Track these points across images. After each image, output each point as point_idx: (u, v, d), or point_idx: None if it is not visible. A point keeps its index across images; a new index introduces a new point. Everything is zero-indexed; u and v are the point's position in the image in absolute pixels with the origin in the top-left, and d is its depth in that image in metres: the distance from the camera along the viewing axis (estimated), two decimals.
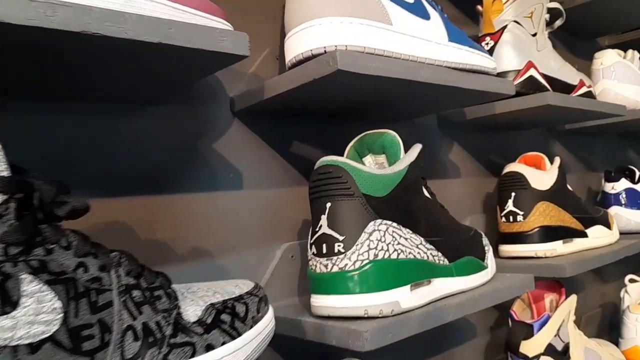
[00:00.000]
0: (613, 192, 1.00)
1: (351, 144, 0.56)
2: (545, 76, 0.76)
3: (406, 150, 0.53)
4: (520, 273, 0.73)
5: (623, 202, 0.99)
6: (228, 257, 0.55)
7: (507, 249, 0.77)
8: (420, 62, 0.51)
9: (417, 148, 0.53)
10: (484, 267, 0.57)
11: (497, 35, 0.75)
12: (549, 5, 0.79)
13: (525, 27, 0.75)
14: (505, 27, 0.75)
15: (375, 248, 0.45)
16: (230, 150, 0.57)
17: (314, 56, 0.46)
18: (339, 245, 0.45)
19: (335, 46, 0.45)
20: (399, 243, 0.47)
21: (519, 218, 0.76)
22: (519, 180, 0.77)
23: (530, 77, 0.73)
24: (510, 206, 0.77)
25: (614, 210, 0.99)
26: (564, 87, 0.79)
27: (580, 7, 1.04)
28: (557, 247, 0.76)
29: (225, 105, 0.57)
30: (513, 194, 0.77)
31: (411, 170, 0.51)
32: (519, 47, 0.74)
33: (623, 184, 1.00)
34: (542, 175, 0.77)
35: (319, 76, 0.45)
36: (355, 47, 0.46)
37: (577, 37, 1.22)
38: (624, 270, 1.23)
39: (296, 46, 0.47)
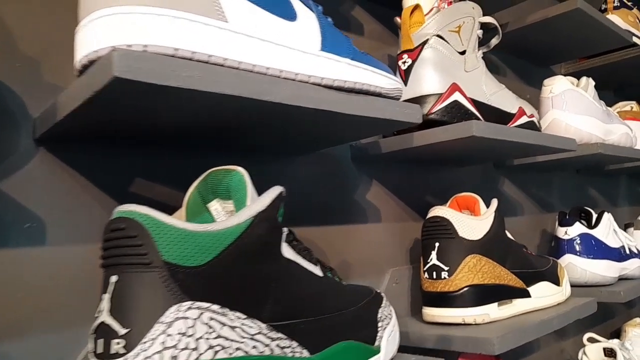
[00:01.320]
0: (566, 237, 0.87)
1: (194, 185, 0.42)
2: (475, 102, 0.62)
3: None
4: (443, 343, 0.59)
5: (578, 250, 0.85)
6: None
7: (431, 313, 0.62)
8: (272, 74, 0.37)
9: (272, 192, 0.39)
10: (371, 354, 0.42)
11: (415, 52, 0.62)
12: (482, 20, 0.67)
13: (451, 43, 0.62)
14: (425, 42, 0.62)
15: (175, 347, 0.30)
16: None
17: (90, 62, 0.32)
18: (117, 344, 0.30)
19: (113, 47, 0.30)
20: (219, 336, 0.32)
21: (444, 275, 0.61)
22: (444, 228, 0.63)
23: (455, 102, 0.60)
24: (433, 259, 0.63)
25: (567, 260, 0.86)
26: (500, 116, 0.66)
27: (530, 28, 0.92)
28: (490, 312, 0.61)
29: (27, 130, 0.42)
30: (437, 244, 0.63)
31: (257, 225, 0.36)
32: (442, 67, 0.61)
33: (577, 228, 0.86)
34: (472, 221, 0.63)
35: (97, 88, 0.31)
36: (159, 48, 0.32)
37: (530, 62, 1.11)
38: (585, 323, 1.09)
39: (78, 47, 0.33)
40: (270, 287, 0.36)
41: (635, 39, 1.11)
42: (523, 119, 0.67)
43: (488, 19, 0.67)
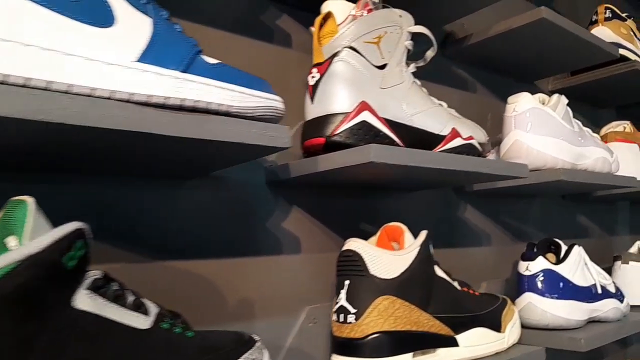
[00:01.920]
0: (527, 273, 0.77)
1: None
2: (391, 123, 0.55)
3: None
4: None
5: (539, 288, 0.76)
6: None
7: None
8: (77, 92, 0.31)
9: (59, 231, 0.32)
10: None
11: (324, 66, 0.55)
12: (412, 30, 0.60)
13: (367, 55, 0.55)
14: (335, 54, 0.55)
15: None
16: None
17: None
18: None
19: None
20: None
21: (350, 318, 0.54)
22: (355, 264, 0.55)
23: (363, 123, 0.52)
24: (342, 300, 0.55)
25: (526, 299, 0.76)
26: (426, 138, 0.58)
27: (495, 40, 0.84)
28: None
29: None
30: (347, 282, 0.56)
31: (24, 272, 0.30)
32: (353, 83, 0.54)
33: (540, 263, 0.77)
34: (388, 257, 0.56)
35: None
36: None
37: (511, 78, 1.02)
38: None
39: None
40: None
41: (624, 52, 1.01)
42: (456, 142, 0.59)
43: (419, 29, 0.60)
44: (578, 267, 0.80)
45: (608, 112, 1.34)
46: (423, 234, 0.60)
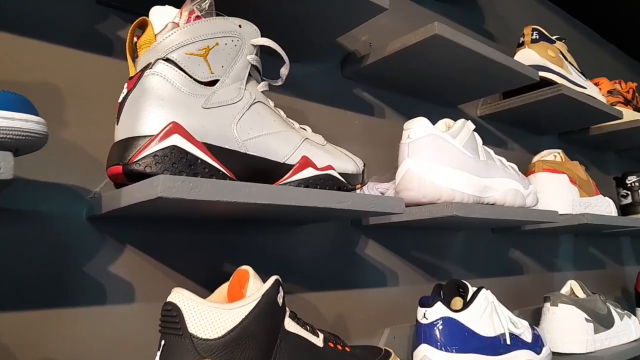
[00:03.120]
0: (425, 322, 0.68)
1: None
2: (214, 148, 0.46)
3: None
4: None
5: (437, 339, 0.66)
6: None
7: None
8: None
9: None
10: None
11: (134, 80, 0.46)
12: (256, 42, 0.51)
13: (189, 69, 0.46)
14: (147, 67, 0.46)
15: None
16: None
17: None
18: None
19: None
20: None
21: None
22: (172, 320, 0.45)
23: (172, 148, 0.43)
24: None
25: (421, 352, 0.66)
26: (268, 168, 0.49)
27: (401, 57, 0.76)
28: None
29: None
30: (162, 343, 0.46)
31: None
32: (165, 100, 0.45)
33: (438, 310, 0.67)
34: (215, 311, 0.46)
35: None
36: None
37: (429, 101, 0.94)
38: None
39: None
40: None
41: (549, 76, 0.94)
42: (306, 172, 0.50)
43: (265, 42, 0.51)
44: (484, 313, 0.70)
45: (549, 139, 1.27)
46: (270, 281, 0.50)
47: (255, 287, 0.50)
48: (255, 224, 0.65)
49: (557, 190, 0.93)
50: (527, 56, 0.98)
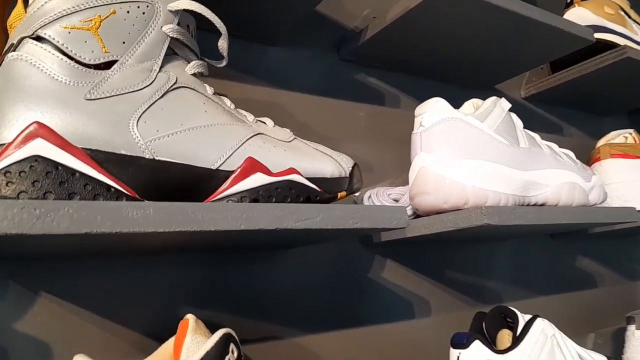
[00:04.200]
0: None
1: None
2: (103, 156, 0.32)
3: None
4: None
5: None
6: None
7: None
8: None
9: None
10: None
11: None
12: (175, 6, 0.37)
13: (69, 48, 0.33)
14: (9, 49, 0.33)
15: None
16: None
17: None
18: None
19: None
20: None
21: None
22: None
23: (33, 159, 0.30)
24: None
25: None
26: (193, 178, 0.35)
27: (404, 24, 0.60)
28: None
29: None
30: None
31: None
32: (32, 95, 0.32)
33: (477, 352, 0.50)
34: None
35: None
36: None
37: (453, 85, 0.77)
38: None
39: None
40: None
41: (609, 37, 0.74)
42: (252, 181, 0.35)
43: (188, 5, 0.37)
44: (542, 353, 0.52)
45: (617, 120, 1.05)
46: (214, 338, 0.36)
47: (192, 347, 0.36)
48: (228, 251, 0.51)
49: (632, 180, 0.73)
50: (578, 16, 0.79)
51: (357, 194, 0.61)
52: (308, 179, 0.39)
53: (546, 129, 0.89)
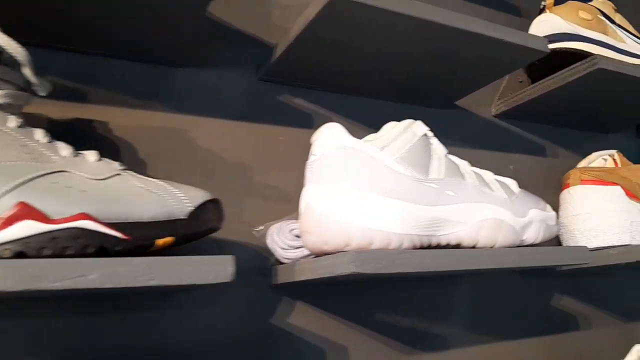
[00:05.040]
0: None
1: None
2: None
3: None
4: None
5: None
6: None
7: None
8: None
9: None
10: None
11: None
12: None
13: None
14: None
15: None
16: None
17: None
18: None
19: None
20: None
21: None
22: None
23: None
24: None
25: None
26: None
27: (307, 39, 0.54)
28: None
29: None
30: None
31: None
32: None
33: None
34: None
35: None
36: None
37: (398, 101, 0.70)
38: None
39: None
40: None
41: (579, 45, 0.65)
42: (16, 231, 0.30)
43: None
44: None
45: (619, 138, 0.93)
46: None
47: None
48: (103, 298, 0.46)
49: (604, 211, 0.63)
50: (549, 23, 0.70)
51: (257, 229, 0.55)
52: (114, 224, 0.33)
53: (522, 149, 0.80)
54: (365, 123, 0.66)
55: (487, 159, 0.76)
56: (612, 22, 0.73)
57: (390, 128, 0.50)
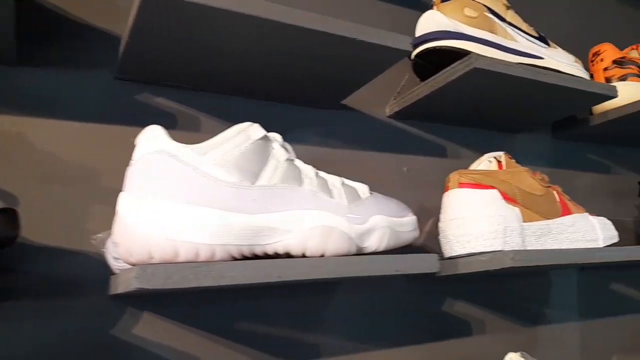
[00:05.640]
0: None
1: None
2: None
3: None
4: None
5: None
6: None
7: None
8: None
9: None
10: None
11: None
12: None
13: None
14: None
15: None
16: None
17: None
18: None
19: None
20: None
21: None
22: None
23: None
24: None
25: None
26: None
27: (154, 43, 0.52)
28: None
29: None
30: None
31: None
32: None
33: None
34: None
35: None
36: None
37: (261, 99, 0.68)
38: None
39: None
40: None
41: (458, 44, 0.64)
42: None
43: None
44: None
45: (530, 137, 0.92)
46: None
47: None
48: None
49: (479, 216, 0.61)
50: (431, 21, 0.68)
51: (95, 237, 0.52)
52: None
53: (418, 150, 0.78)
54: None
55: (381, 161, 0.74)
56: (502, 19, 0.71)
57: (225, 131, 0.47)
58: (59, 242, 0.51)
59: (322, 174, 0.51)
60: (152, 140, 0.44)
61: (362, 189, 0.52)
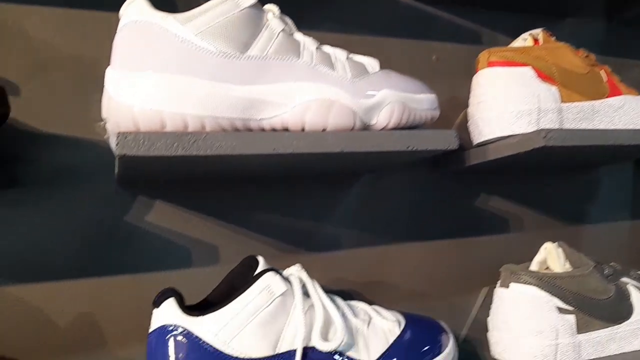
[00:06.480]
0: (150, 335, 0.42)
1: None
2: None
3: None
4: None
5: None
6: None
7: None
8: None
9: None
10: None
11: None
12: None
13: None
14: None
15: None
16: None
17: None
18: None
19: None
20: None
21: None
22: None
23: None
24: None
25: None
26: None
27: None
28: None
29: None
30: None
31: None
32: None
33: (164, 315, 0.41)
34: None
35: None
36: None
37: None
38: None
39: None
40: None
41: None
42: None
43: None
44: (257, 316, 0.41)
45: (583, 23, 0.82)
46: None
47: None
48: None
49: (509, 96, 0.55)
50: None
51: (100, 123, 0.51)
52: None
53: (452, 37, 0.71)
54: None
55: (407, 48, 0.68)
56: None
57: None
58: (63, 130, 0.51)
59: (326, 47, 0.47)
60: (132, 9, 0.41)
61: (372, 63, 0.47)
